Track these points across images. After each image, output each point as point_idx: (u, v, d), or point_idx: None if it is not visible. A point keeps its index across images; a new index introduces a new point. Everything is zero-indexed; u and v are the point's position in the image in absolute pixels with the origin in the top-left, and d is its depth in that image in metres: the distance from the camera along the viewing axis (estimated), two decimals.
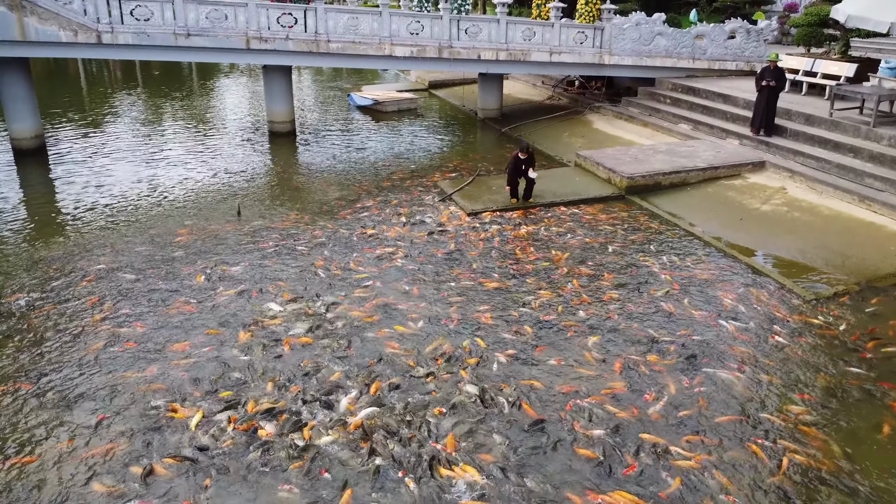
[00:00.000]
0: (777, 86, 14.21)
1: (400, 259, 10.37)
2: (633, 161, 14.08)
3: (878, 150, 12.47)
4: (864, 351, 7.86)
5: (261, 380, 7.19)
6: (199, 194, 13.81)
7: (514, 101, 22.86)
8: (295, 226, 11.80)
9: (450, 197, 13.30)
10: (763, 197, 12.53)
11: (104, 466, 5.93)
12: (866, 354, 7.78)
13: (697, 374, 7.42)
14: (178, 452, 6.07)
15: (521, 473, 5.88)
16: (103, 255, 10.45)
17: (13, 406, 6.76)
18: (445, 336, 8.12)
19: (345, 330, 8.23)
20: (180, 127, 20.12)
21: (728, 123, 15.95)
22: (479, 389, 6.99)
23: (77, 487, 5.70)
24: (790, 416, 6.69)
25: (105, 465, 5.94)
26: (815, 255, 10.33)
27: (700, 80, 18.63)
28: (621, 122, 18.47)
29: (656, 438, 6.33)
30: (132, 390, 7.00)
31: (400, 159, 16.82)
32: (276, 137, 18.52)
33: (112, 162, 15.98)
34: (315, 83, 29.92)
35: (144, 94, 25.89)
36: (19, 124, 16.14)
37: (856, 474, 5.92)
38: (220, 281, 9.54)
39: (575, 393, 7.03)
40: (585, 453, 6.13)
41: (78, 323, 8.37)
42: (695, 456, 6.10)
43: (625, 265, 10.23)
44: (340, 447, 6.18)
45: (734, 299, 9.11)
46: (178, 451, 6.08)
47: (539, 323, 8.46)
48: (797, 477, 5.90)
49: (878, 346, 7.95)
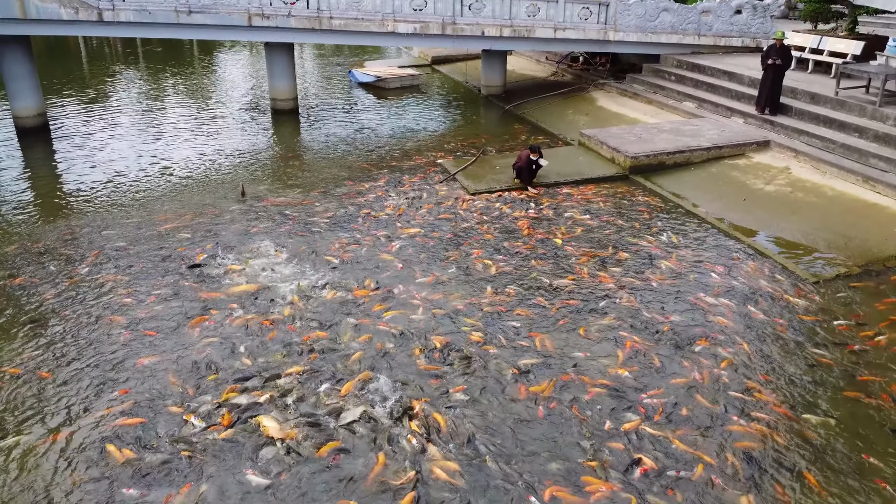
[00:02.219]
0: (783, 64, 14.10)
1: (401, 241, 10.41)
2: (638, 140, 14.03)
3: (884, 131, 12.41)
4: (853, 342, 7.87)
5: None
6: (203, 173, 13.82)
7: (518, 78, 22.71)
8: (300, 205, 11.82)
9: (453, 177, 13.31)
10: (767, 177, 12.51)
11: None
12: (854, 346, 7.79)
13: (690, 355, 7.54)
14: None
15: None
16: (110, 232, 10.54)
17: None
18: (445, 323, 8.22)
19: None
20: (183, 104, 20.05)
21: (733, 101, 15.86)
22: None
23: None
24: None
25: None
26: (817, 237, 10.35)
27: (705, 57, 18.47)
28: (625, 100, 18.36)
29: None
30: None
31: (403, 138, 16.78)
32: (279, 115, 18.45)
33: (115, 140, 15.96)
34: (317, 59, 29.69)
35: (146, 71, 25.74)
36: (22, 103, 16.10)
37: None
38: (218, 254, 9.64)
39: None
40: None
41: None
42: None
43: (626, 246, 10.26)
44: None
45: (735, 281, 9.16)
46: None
47: (535, 308, 8.55)
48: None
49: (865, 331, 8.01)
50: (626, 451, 6.07)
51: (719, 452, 6.07)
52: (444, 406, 6.61)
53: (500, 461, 5.93)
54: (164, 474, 5.77)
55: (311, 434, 6.20)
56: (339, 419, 6.39)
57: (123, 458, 5.92)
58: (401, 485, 5.66)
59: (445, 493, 5.60)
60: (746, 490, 5.67)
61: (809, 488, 5.71)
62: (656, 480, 5.76)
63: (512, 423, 6.42)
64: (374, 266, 9.55)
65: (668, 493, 5.62)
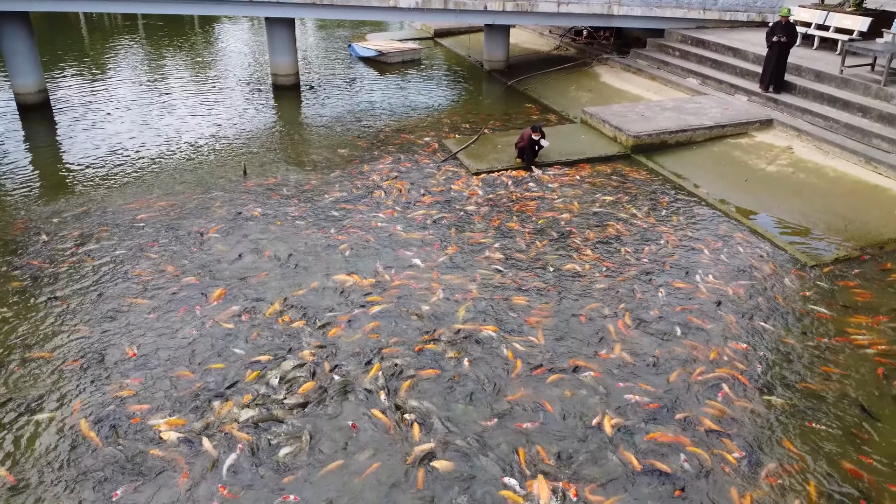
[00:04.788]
0: (788, 41, 13.96)
1: (403, 223, 10.47)
2: (640, 118, 13.98)
3: (888, 111, 12.34)
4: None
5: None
6: (204, 150, 13.82)
7: (521, 52, 22.50)
8: (301, 186, 11.87)
9: (455, 156, 13.30)
10: (769, 157, 12.49)
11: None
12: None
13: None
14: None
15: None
16: (119, 213, 10.63)
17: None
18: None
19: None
20: (183, 80, 19.91)
21: (737, 78, 15.74)
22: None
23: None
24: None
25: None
26: (817, 219, 10.38)
27: (710, 32, 18.27)
28: (629, 75, 18.22)
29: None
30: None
31: (405, 115, 16.71)
32: (281, 91, 18.37)
33: (117, 116, 15.96)
34: (318, 31, 29.38)
35: (147, 45, 25.53)
36: (22, 79, 16.04)
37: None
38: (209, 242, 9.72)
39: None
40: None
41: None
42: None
43: (626, 226, 10.31)
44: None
45: (733, 264, 9.22)
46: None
47: (538, 289, 8.64)
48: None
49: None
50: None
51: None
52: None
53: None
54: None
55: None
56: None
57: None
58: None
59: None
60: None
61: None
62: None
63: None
64: (372, 254, 9.64)
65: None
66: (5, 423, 6.36)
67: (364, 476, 5.77)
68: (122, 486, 5.66)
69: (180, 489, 5.65)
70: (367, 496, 5.59)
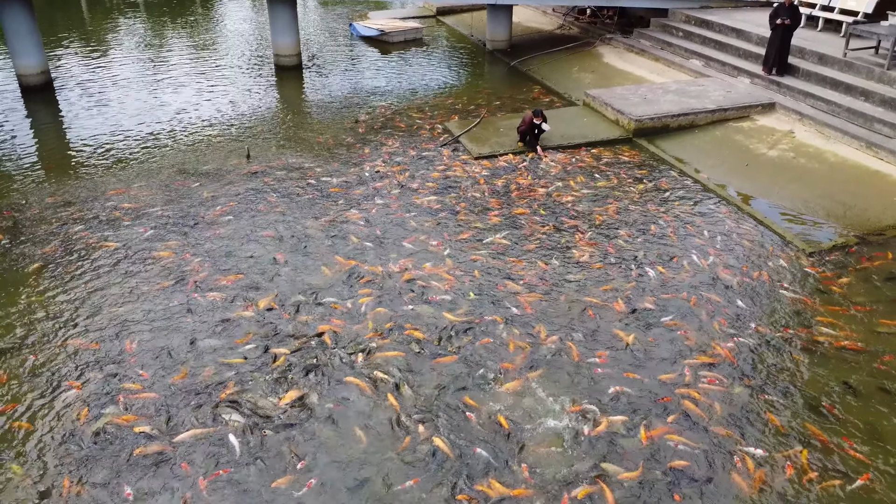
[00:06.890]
0: (791, 24, 13.89)
1: (404, 207, 10.56)
2: (642, 102, 13.97)
3: (890, 95, 12.31)
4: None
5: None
6: (207, 133, 13.86)
7: (524, 31, 22.36)
8: (305, 169, 11.94)
9: (457, 139, 13.33)
10: (771, 141, 12.51)
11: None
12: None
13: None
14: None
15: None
16: (124, 202, 10.73)
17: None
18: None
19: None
20: (185, 60, 19.83)
21: (740, 60, 15.68)
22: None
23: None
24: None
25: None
26: (817, 205, 10.45)
27: (714, 12, 18.16)
28: (632, 56, 18.14)
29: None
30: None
31: (407, 96, 16.69)
32: (283, 71, 18.33)
33: (119, 98, 15.98)
34: (319, 10, 29.16)
35: (148, 22, 25.39)
36: (25, 60, 16.01)
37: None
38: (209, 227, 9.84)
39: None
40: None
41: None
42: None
43: (627, 212, 10.39)
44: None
45: (731, 251, 9.32)
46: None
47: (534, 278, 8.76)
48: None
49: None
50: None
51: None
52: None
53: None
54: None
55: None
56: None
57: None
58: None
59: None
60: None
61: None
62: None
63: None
64: (378, 237, 9.76)
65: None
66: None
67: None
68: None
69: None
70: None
